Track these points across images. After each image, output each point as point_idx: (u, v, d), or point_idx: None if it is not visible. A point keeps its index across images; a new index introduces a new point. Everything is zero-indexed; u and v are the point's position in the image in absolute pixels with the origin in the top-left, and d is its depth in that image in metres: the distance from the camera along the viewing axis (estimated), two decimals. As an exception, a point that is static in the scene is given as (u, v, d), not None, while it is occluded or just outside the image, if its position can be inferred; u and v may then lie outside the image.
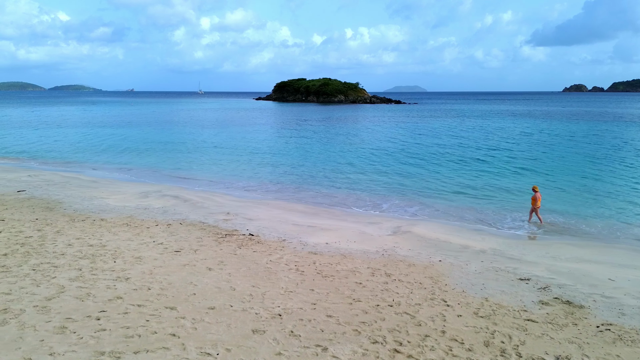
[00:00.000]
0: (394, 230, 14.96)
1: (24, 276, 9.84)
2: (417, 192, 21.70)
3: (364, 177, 25.81)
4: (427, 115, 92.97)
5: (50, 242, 12.48)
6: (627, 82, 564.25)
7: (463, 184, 23.48)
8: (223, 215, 16.67)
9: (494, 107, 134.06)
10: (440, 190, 22.06)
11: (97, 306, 8.38)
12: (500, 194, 21.06)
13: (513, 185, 22.96)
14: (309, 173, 27.00)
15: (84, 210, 16.73)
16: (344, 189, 22.48)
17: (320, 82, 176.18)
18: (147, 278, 9.92)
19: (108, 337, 7.25)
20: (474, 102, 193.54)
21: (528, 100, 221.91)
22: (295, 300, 9.01)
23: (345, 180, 24.82)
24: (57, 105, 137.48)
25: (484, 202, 19.61)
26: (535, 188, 16.83)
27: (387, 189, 22.50)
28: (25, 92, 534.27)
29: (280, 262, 11.45)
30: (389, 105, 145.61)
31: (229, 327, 7.73)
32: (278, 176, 26.08)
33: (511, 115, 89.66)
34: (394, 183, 23.77)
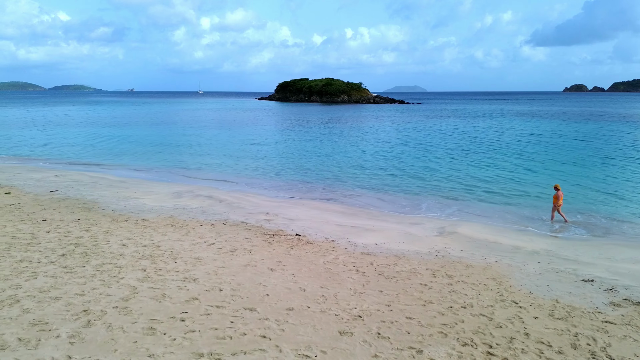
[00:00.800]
0: (438, 231, 14.95)
1: (91, 277, 9.82)
2: (448, 192, 21.70)
3: (390, 176, 25.81)
4: (433, 115, 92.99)
5: (103, 242, 12.46)
6: (627, 82, 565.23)
7: (490, 183, 23.51)
8: (263, 215, 16.65)
9: (498, 107, 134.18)
10: (470, 190, 22.07)
11: (176, 307, 8.36)
12: (529, 194, 21.09)
13: (538, 185, 22.99)
14: (333, 173, 26.99)
15: (123, 211, 16.71)
16: (374, 189, 22.48)
17: (323, 82, 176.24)
18: (214, 279, 9.90)
19: (199, 338, 7.24)
20: (476, 102, 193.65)
21: (530, 100, 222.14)
22: (368, 301, 8.99)
23: (373, 180, 24.82)
24: (60, 105, 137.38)
25: (517, 202, 19.64)
26: (557, 187, 16.92)
27: (420, 188, 22.52)
28: (26, 92, 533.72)
29: (337, 262, 11.43)
30: (392, 105, 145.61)
31: (315, 328, 7.71)
32: (303, 176, 26.06)
33: (517, 116, 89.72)
34: (423, 183, 23.78)
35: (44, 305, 8.34)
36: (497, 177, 25.10)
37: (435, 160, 31.49)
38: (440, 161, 31.24)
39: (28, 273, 9.99)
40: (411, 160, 31.57)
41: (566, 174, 25.85)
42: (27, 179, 22.84)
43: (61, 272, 10.05)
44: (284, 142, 43.65)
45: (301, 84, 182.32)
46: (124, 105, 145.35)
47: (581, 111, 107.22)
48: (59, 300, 8.61)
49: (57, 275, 9.87)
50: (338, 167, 28.67)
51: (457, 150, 37.15)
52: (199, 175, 26.57)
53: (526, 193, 21.44)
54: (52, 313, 8.04)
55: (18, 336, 7.22)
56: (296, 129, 57.24)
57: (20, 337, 7.20)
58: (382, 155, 34.12)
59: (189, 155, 35.19)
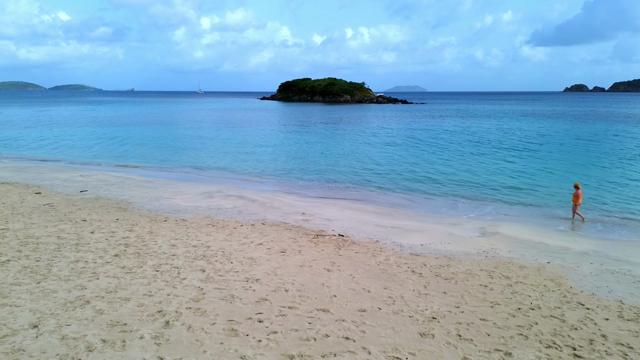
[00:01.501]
0: (480, 231, 14.92)
1: (153, 277, 9.80)
2: (474, 192, 21.71)
3: (411, 177, 25.78)
4: (438, 115, 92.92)
5: (151, 242, 12.43)
6: (628, 82, 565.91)
7: (512, 183, 23.59)
8: (299, 215, 16.62)
9: (501, 107, 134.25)
10: (496, 190, 22.09)
11: (249, 308, 8.34)
12: (553, 194, 21.18)
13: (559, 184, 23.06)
14: (353, 173, 26.97)
15: (159, 211, 16.67)
16: (399, 190, 22.45)
17: (326, 81, 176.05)
18: (276, 279, 9.88)
19: (283, 339, 7.21)
20: (478, 102, 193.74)
21: (532, 100, 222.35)
22: (436, 303, 8.97)
23: (394, 180, 24.79)
24: (63, 105, 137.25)
25: (544, 202, 19.66)
26: (577, 185, 17.06)
27: (447, 188, 22.50)
28: (27, 92, 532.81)
29: (390, 263, 11.40)
30: (396, 105, 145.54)
31: (394, 330, 7.68)
32: (324, 176, 26.03)
33: (522, 116, 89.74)
34: (446, 183, 23.76)
35: (116, 306, 8.31)
36: (517, 177, 25.16)
37: (450, 160, 31.53)
38: (456, 161, 31.26)
39: (88, 273, 9.95)
40: (427, 161, 31.55)
41: (584, 174, 25.91)
42: (53, 179, 22.79)
43: (121, 273, 10.02)
44: (296, 143, 43.60)
45: (304, 83, 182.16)
46: (127, 105, 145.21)
47: (585, 111, 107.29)
48: (129, 300, 8.58)
49: (118, 276, 9.84)
50: (356, 168, 28.66)
51: (469, 150, 37.20)
52: (221, 176, 26.55)
53: (550, 193, 21.50)
54: (127, 314, 8.01)
55: (101, 337, 7.20)
56: (305, 129, 57.21)
57: (104, 338, 7.18)
58: (397, 156, 34.11)
59: (205, 155, 35.15)
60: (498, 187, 22.76)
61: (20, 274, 9.85)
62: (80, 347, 6.91)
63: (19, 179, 22.70)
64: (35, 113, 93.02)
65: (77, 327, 7.54)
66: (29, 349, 6.82)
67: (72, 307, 8.25)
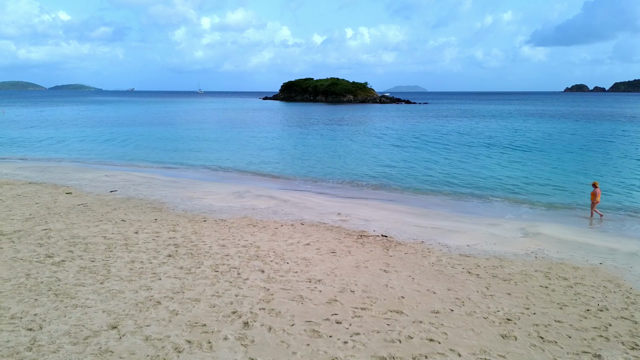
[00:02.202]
0: (521, 232, 14.90)
1: (214, 278, 9.78)
2: (507, 191, 21.76)
3: (436, 176, 25.76)
4: (443, 115, 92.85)
5: (200, 242, 12.41)
6: (628, 82, 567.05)
7: (534, 183, 23.70)
8: (335, 215, 16.59)
9: (504, 107, 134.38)
10: (520, 189, 22.15)
11: (322, 309, 8.32)
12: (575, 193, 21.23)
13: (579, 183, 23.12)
14: (376, 172, 26.96)
15: (194, 211, 16.63)
16: (424, 190, 22.42)
17: (329, 81, 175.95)
18: (337, 280, 9.85)
19: (368, 341, 7.19)
20: (480, 102, 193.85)
21: (534, 100, 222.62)
22: (504, 304, 8.94)
23: (416, 180, 24.76)
24: (66, 105, 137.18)
25: (570, 202, 19.67)
26: (595, 184, 17.30)
27: (473, 188, 22.49)
28: (27, 92, 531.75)
29: (443, 264, 11.37)
30: (399, 105, 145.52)
31: (474, 332, 7.65)
32: (346, 176, 26.00)
33: (527, 116, 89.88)
34: (474, 183, 23.76)
35: (189, 307, 8.28)
36: (539, 178, 25.18)
37: (465, 161, 31.56)
38: (472, 161, 31.25)
39: (148, 274, 9.92)
40: (442, 161, 31.51)
41: (601, 174, 26.01)
42: (79, 179, 22.75)
43: (181, 273, 10.00)
44: (309, 143, 43.54)
45: (306, 83, 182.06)
46: (130, 105, 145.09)
47: (589, 111, 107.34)
48: (199, 301, 8.55)
49: (180, 277, 9.81)
50: (375, 168, 28.67)
51: (482, 150, 37.18)
52: (244, 176, 26.55)
53: (575, 193, 21.50)
54: (202, 315, 7.99)
55: (185, 338, 7.18)
56: (315, 130, 57.18)
57: (188, 339, 7.15)
58: (412, 156, 34.07)
59: (222, 155, 35.11)
60: (523, 187, 22.76)
61: (80, 275, 9.82)
62: (167, 348, 6.88)
63: (44, 178, 22.65)
64: (39, 113, 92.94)
65: (156, 327, 7.51)
66: (116, 350, 6.79)
67: (144, 308, 8.22)
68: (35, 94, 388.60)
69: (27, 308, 8.15)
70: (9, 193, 18.69)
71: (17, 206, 16.43)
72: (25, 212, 15.64)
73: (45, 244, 12.03)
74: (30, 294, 8.75)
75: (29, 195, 18.32)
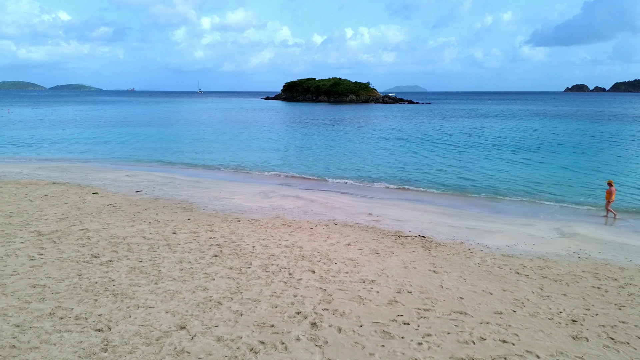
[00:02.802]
0: (557, 232, 14.87)
1: (267, 278, 9.75)
2: (531, 190, 21.75)
3: (454, 175, 25.74)
4: (447, 115, 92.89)
5: (241, 243, 12.38)
6: (629, 82, 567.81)
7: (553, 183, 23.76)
8: (366, 216, 16.55)
9: (508, 107, 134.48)
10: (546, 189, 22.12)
11: (386, 310, 8.28)
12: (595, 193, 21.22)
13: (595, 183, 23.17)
14: (395, 172, 26.93)
15: (225, 211, 16.60)
16: (450, 189, 22.39)
17: (331, 81, 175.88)
18: (390, 281, 9.81)
19: (442, 342, 7.15)
20: (483, 102, 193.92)
21: (536, 100, 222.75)
22: (564, 305, 8.91)
23: (440, 179, 24.75)
24: (70, 105, 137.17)
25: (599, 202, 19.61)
26: (611, 182, 17.48)
27: (495, 188, 22.49)
28: (28, 92, 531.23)
29: (489, 264, 11.33)
30: (402, 105, 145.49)
31: (545, 333, 7.62)
32: (365, 174, 26.00)
33: (531, 116, 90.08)
34: (499, 183, 23.75)
35: (251, 307, 8.25)
36: (556, 177, 25.32)
37: (479, 161, 31.60)
38: (487, 162, 31.27)
39: (200, 274, 9.89)
40: (455, 161, 31.47)
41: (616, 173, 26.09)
42: (101, 179, 22.70)
43: (233, 274, 9.97)
44: (321, 143, 43.49)
45: (308, 83, 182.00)
46: (133, 104, 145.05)
47: (593, 111, 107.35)
48: (259, 302, 8.52)
49: (232, 277, 9.78)
50: (392, 168, 28.72)
51: (494, 151, 37.17)
52: (265, 175, 26.50)
53: (593, 191, 21.57)
54: (267, 315, 7.96)
55: (257, 339, 7.14)
56: (322, 130, 57.16)
57: (261, 340, 7.12)
58: (424, 156, 34.05)
59: (238, 155, 35.10)
60: (545, 187, 22.76)
61: (132, 275, 9.78)
62: (242, 348, 6.84)
63: (67, 179, 22.60)
64: (44, 113, 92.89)
65: (224, 328, 7.47)
66: (192, 351, 6.75)
67: (207, 308, 8.18)
68: (35, 93, 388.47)
69: (89, 308, 8.11)
70: (36, 193, 18.63)
71: (47, 206, 16.38)
72: (57, 212, 15.59)
73: (87, 244, 11.98)
74: (88, 294, 8.71)
75: (56, 196, 18.27)
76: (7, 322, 7.53)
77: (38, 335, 7.11)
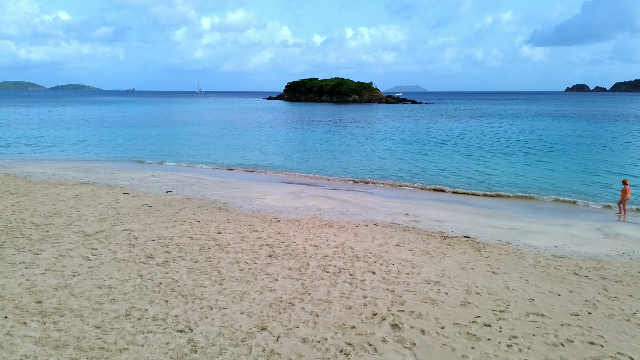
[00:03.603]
0: (600, 232, 14.81)
1: (329, 279, 9.70)
2: (560, 190, 21.73)
3: (475, 175, 25.69)
4: (452, 115, 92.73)
5: (290, 242, 12.30)
6: (629, 82, 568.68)
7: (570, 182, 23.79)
8: (402, 216, 16.49)
9: (510, 107, 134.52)
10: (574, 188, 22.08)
11: (462, 311, 8.22)
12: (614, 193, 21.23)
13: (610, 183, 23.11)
14: (415, 172, 26.86)
15: (261, 211, 16.53)
16: (476, 189, 22.32)
17: (334, 81, 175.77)
18: (455, 282, 9.75)
19: (530, 344, 7.10)
20: (485, 102, 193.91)
21: (537, 100, 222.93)
22: (635, 306, 8.86)
23: (460, 179, 24.69)
24: (73, 105, 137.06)
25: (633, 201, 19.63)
26: (626, 181, 17.67)
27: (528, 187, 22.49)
28: (28, 92, 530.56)
29: (544, 265, 11.26)
30: (405, 105, 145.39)
31: (628, 335, 7.58)
32: (388, 174, 25.93)
33: (536, 115, 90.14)
34: (524, 183, 23.71)
35: (324, 308, 8.22)
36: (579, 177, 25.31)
37: (492, 159, 31.58)
38: (504, 161, 31.24)
39: (261, 274, 9.84)
40: (475, 161, 31.47)
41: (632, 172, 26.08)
42: (128, 179, 22.63)
43: (294, 274, 9.94)
44: (333, 143, 43.41)
45: (311, 83, 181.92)
46: (136, 104, 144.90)
47: (596, 111, 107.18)
48: (331, 303, 8.47)
49: (294, 277, 9.74)
50: (408, 168, 28.69)
51: (505, 150, 37.15)
52: (287, 175, 26.41)
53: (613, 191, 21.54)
54: (344, 316, 7.91)
55: (343, 341, 7.07)
56: (332, 130, 57.10)
57: (347, 341, 7.05)
58: (443, 156, 33.96)
59: (255, 154, 35.03)
60: (573, 187, 22.69)
61: (193, 276, 9.72)
62: (331, 350, 6.79)
63: (93, 179, 22.53)
64: (49, 113, 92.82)
65: (305, 329, 7.42)
66: (282, 352, 6.70)
67: (281, 309, 8.13)
68: (36, 93, 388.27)
69: (163, 309, 8.05)
70: (67, 193, 18.56)
71: (82, 207, 16.31)
72: (94, 212, 15.52)
73: (136, 244, 11.91)
74: (157, 295, 8.65)
75: (88, 196, 18.19)
76: (86, 323, 7.46)
77: (122, 337, 7.04)
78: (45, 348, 6.62)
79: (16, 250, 11.05)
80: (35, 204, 16.53)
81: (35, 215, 14.80)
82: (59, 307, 8.03)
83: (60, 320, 7.51)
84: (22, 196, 17.73)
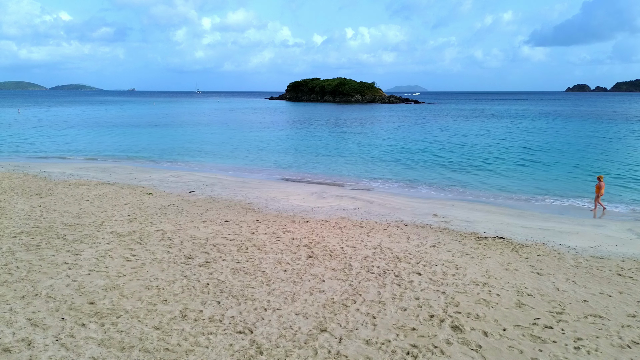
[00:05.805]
0: (632, 232, 14.69)
1: (376, 280, 9.64)
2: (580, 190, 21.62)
3: (492, 175, 25.62)
4: (457, 115, 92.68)
5: (326, 243, 12.20)
6: (630, 82, 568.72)
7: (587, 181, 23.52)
8: (431, 216, 16.41)
9: (513, 107, 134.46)
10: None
11: (519, 313, 8.15)
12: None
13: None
14: (433, 171, 26.78)
15: (287, 211, 16.46)
16: (496, 189, 22.26)
17: (336, 81, 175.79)
18: (502, 283, 9.69)
19: (598, 346, 7.01)
20: (487, 102, 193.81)
21: (538, 100, 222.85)
22: (689, 307, 8.75)
23: (480, 179, 24.61)
24: (75, 105, 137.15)
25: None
26: (600, 177, 18.32)
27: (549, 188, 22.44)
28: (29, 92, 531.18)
29: (585, 266, 11.17)
30: (409, 105, 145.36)
31: (691, 336, 7.45)
32: (406, 176, 25.86)
33: (541, 115, 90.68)
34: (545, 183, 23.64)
35: (379, 309, 8.16)
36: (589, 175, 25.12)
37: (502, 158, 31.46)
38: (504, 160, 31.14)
39: (307, 275, 9.79)
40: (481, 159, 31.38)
41: None
42: (148, 180, 22.56)
43: (339, 275, 9.87)
44: (342, 144, 43.34)
45: (313, 83, 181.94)
46: (140, 104, 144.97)
47: (600, 111, 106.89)
48: (384, 304, 8.40)
49: (340, 278, 9.68)
50: (427, 168, 28.60)
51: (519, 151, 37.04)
52: (306, 175, 26.31)
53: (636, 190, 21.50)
54: (402, 318, 7.84)
55: (407, 342, 6.99)
56: (342, 129, 57.06)
57: (411, 343, 6.97)
58: (452, 155, 33.90)
59: (270, 155, 34.96)
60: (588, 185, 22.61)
61: (238, 276, 9.67)
62: (398, 353, 6.72)
63: (113, 179, 22.46)
64: (52, 113, 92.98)
65: (366, 331, 7.35)
66: (349, 354, 6.66)
67: (336, 311, 8.06)
68: (37, 93, 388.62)
69: (217, 310, 7.98)
70: (90, 194, 18.49)
71: (108, 207, 16.24)
72: (122, 212, 15.45)
73: (172, 245, 11.85)
74: (207, 296, 8.58)
75: (112, 196, 18.12)
76: (145, 324, 7.39)
77: (185, 338, 6.98)
78: (111, 350, 6.55)
79: (55, 251, 10.98)
80: (62, 204, 16.46)
81: (65, 215, 14.73)
82: (113, 308, 7.96)
83: (118, 322, 7.44)
84: (46, 196, 17.66)
